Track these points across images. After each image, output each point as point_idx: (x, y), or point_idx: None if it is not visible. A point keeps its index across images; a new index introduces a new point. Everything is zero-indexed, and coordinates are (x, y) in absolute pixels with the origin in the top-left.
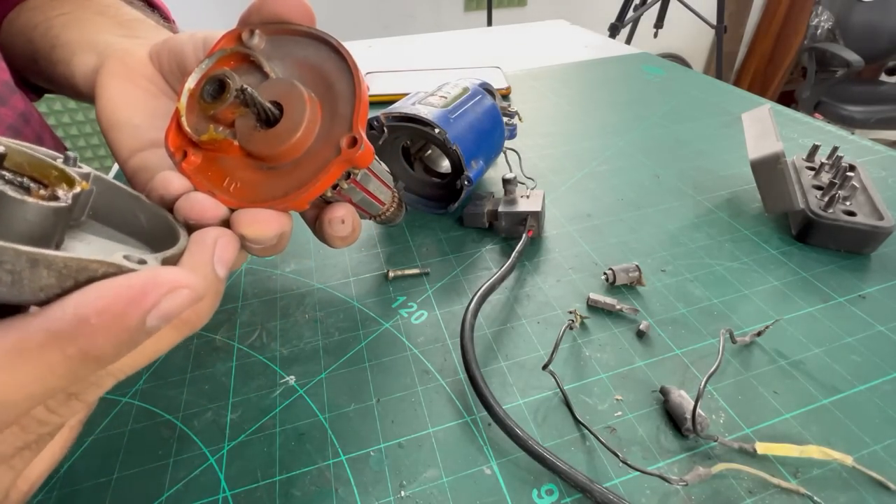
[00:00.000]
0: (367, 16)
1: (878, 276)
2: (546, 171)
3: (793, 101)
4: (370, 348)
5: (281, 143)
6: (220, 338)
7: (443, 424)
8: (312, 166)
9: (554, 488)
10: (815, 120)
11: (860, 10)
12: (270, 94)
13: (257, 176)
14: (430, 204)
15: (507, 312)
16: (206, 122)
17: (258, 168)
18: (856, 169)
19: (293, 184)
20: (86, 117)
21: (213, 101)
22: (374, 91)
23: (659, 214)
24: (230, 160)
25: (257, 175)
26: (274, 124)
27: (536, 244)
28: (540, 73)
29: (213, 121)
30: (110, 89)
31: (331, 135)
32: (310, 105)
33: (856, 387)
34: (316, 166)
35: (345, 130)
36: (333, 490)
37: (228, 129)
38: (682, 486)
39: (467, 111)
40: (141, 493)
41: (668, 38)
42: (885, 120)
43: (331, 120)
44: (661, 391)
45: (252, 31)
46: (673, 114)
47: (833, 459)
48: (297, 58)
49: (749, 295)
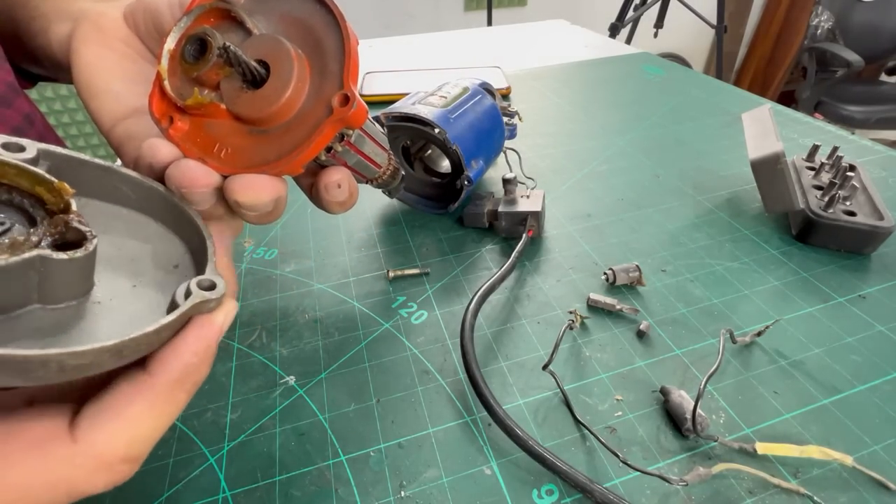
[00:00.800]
0: (367, 16)
1: (878, 276)
2: (546, 171)
3: (793, 101)
4: (370, 348)
5: (269, 104)
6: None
7: (443, 424)
8: (304, 128)
9: (554, 488)
10: (815, 120)
11: (860, 10)
12: (255, 52)
13: (248, 140)
14: (430, 204)
15: (507, 312)
16: (190, 85)
17: (249, 132)
18: (856, 169)
19: (286, 147)
20: (85, 117)
21: (196, 62)
22: (374, 91)
23: (659, 214)
24: (219, 125)
25: (248, 140)
26: (261, 84)
27: (536, 244)
28: (540, 72)
29: (198, 83)
30: (85, 55)
31: (321, 93)
32: (297, 62)
33: (856, 387)
34: (308, 128)
35: (335, 88)
36: (333, 490)
37: (214, 93)
38: (683, 486)
39: (467, 111)
40: (141, 493)
41: (668, 38)
42: (885, 120)
43: (320, 78)
44: (661, 391)
45: None
46: (673, 114)
47: (833, 459)
48: (280, 12)
49: (749, 295)
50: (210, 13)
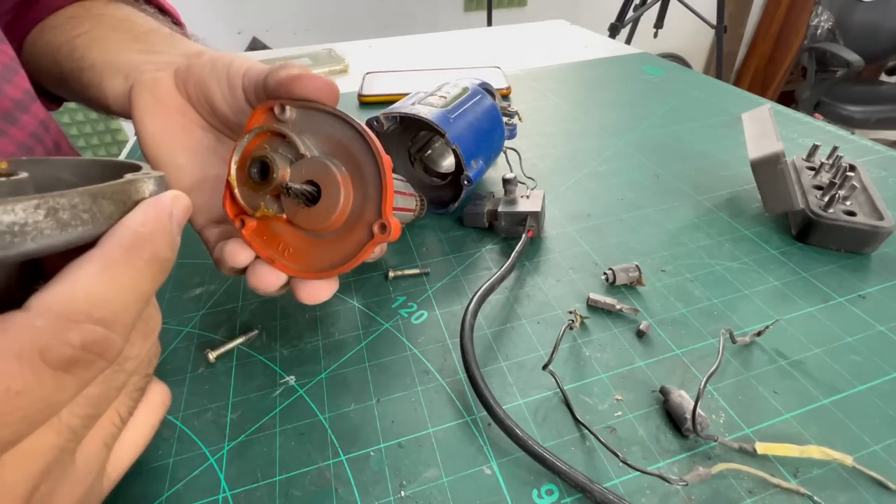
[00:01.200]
0: (367, 16)
1: (878, 276)
2: (546, 171)
3: (793, 101)
4: (370, 348)
5: (321, 221)
6: (220, 338)
7: (443, 424)
8: (351, 241)
9: (554, 488)
10: (815, 120)
11: (860, 10)
12: (308, 172)
13: (305, 242)
14: (430, 204)
15: (507, 312)
16: (257, 196)
17: (305, 235)
18: (856, 169)
19: (336, 256)
20: (86, 117)
21: (261, 183)
22: (374, 91)
23: (659, 214)
24: (281, 226)
25: (305, 241)
26: (314, 202)
27: (536, 244)
28: (540, 73)
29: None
30: (149, 126)
31: (364, 211)
32: (343, 186)
33: (856, 387)
34: (354, 243)
35: (374, 213)
36: (333, 490)
37: (276, 204)
38: (682, 486)
39: (467, 111)
40: (141, 493)
41: (668, 38)
42: (885, 120)
43: (363, 198)
44: (661, 391)
45: (283, 107)
46: (673, 114)
47: (833, 459)
48: (325, 133)
49: (749, 295)
50: (266, 131)
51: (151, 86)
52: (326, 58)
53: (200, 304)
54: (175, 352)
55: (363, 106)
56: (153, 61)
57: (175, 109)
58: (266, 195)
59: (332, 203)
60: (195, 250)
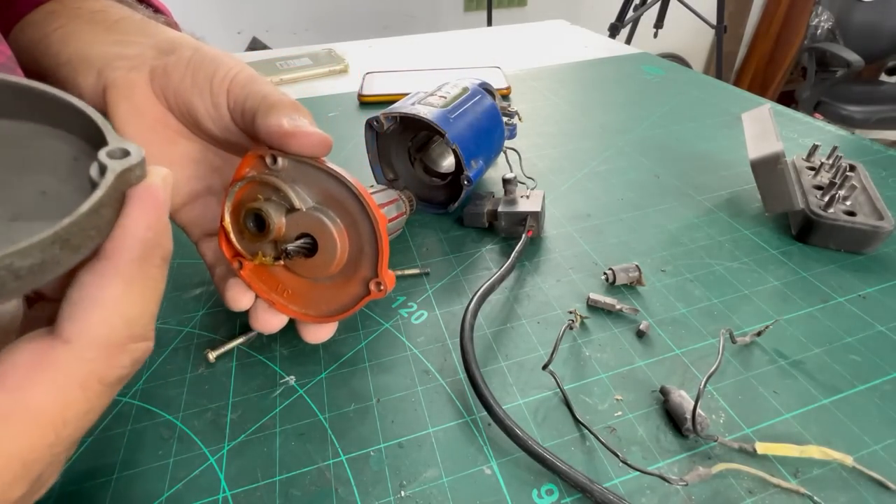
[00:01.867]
0: (367, 16)
1: (878, 276)
2: (546, 171)
3: (793, 101)
4: (370, 348)
5: (319, 271)
6: (220, 338)
7: (443, 424)
8: (347, 292)
9: (554, 488)
10: (815, 120)
11: (860, 10)
12: (304, 225)
13: (304, 285)
14: (430, 204)
15: (507, 312)
16: (254, 245)
17: (302, 278)
18: (856, 169)
19: (334, 303)
20: None
21: (258, 234)
22: (374, 91)
23: (659, 214)
24: (279, 269)
25: (303, 284)
26: (311, 255)
27: (536, 244)
28: (540, 73)
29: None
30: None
31: (360, 262)
32: (340, 241)
33: (856, 387)
34: (350, 294)
35: (370, 271)
36: (333, 490)
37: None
38: (682, 486)
39: (467, 111)
40: (141, 493)
41: (668, 38)
42: (885, 120)
43: (358, 251)
44: (661, 391)
45: (275, 158)
46: (673, 114)
47: (833, 459)
48: (320, 187)
49: (749, 295)
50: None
51: (128, 92)
52: (326, 58)
53: (200, 304)
54: (175, 352)
55: (363, 106)
56: (125, 55)
57: (156, 121)
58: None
59: (329, 256)
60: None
